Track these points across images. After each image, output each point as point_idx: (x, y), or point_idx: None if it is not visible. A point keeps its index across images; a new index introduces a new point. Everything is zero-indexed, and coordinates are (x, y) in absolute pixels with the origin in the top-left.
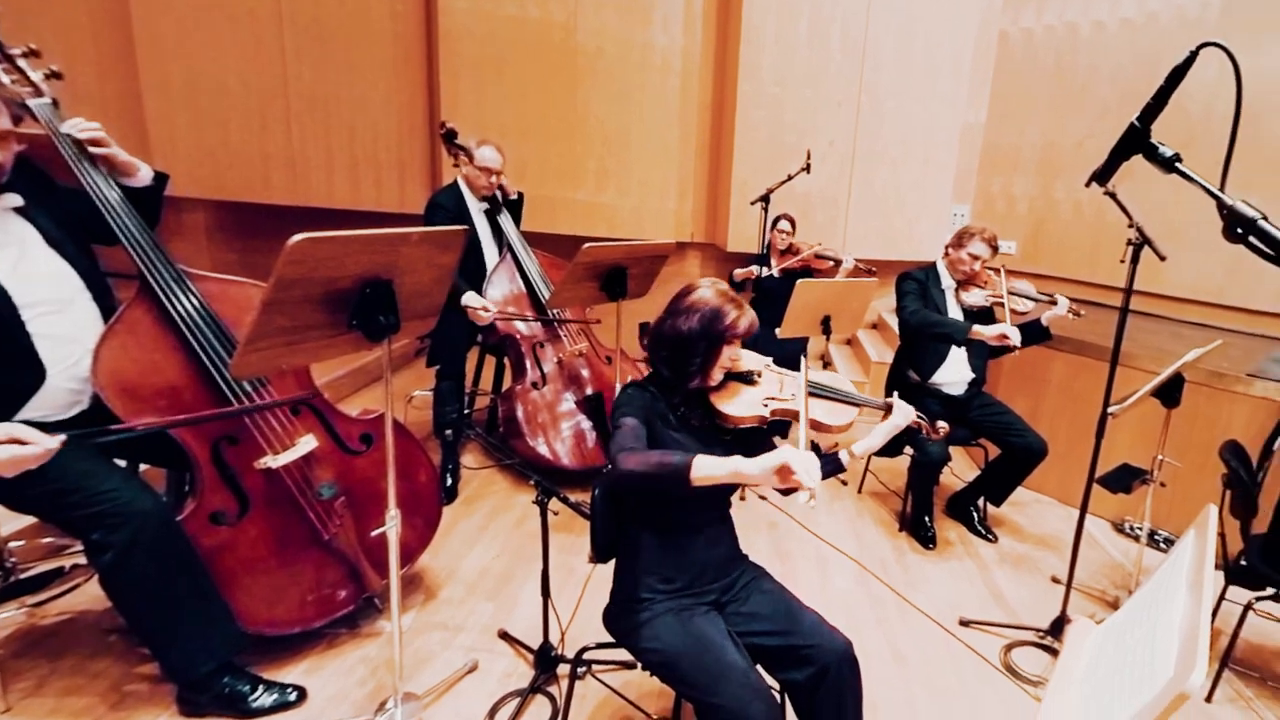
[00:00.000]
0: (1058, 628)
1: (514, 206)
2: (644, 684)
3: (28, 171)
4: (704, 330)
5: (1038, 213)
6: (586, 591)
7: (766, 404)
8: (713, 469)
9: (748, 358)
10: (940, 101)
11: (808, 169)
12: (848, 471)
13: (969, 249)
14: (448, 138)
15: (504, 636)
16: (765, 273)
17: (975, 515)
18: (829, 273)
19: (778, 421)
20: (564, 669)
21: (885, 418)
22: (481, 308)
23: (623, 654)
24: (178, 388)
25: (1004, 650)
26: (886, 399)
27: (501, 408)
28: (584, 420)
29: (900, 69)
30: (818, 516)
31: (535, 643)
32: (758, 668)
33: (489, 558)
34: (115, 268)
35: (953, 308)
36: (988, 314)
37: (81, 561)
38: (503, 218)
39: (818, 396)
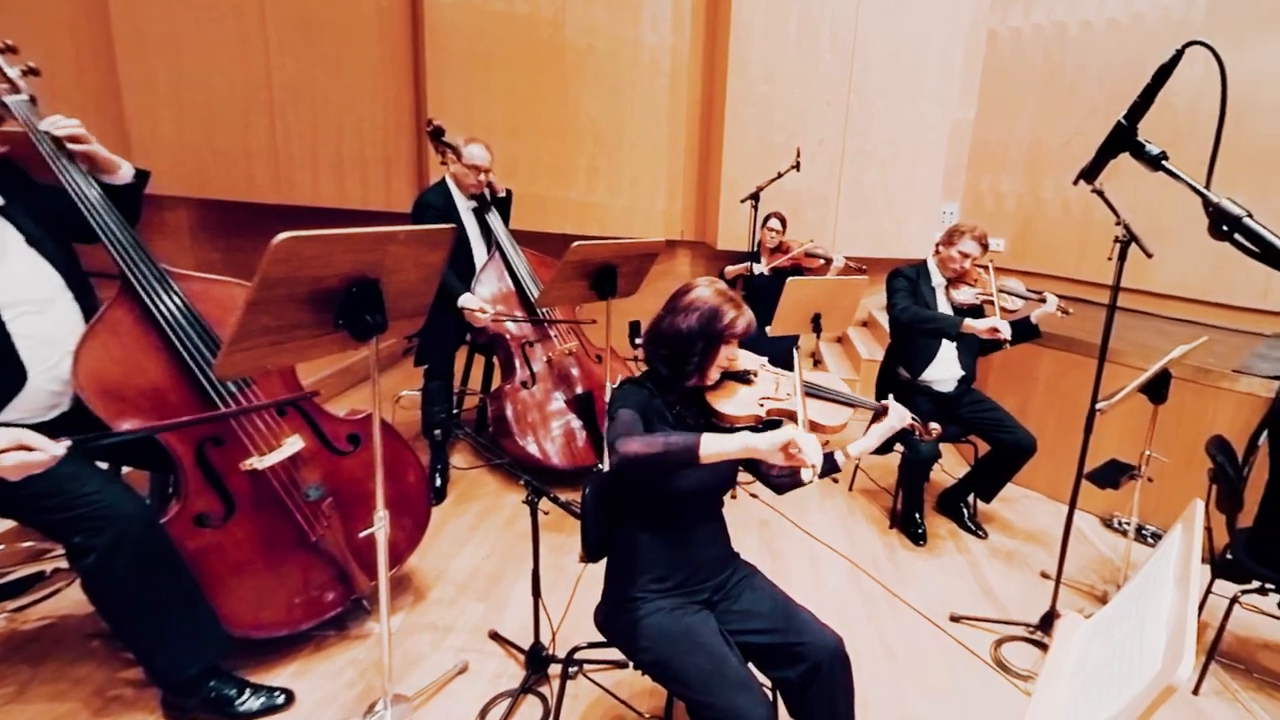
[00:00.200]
0: (1047, 622)
1: (502, 204)
2: (636, 683)
3: (6, 170)
4: (702, 329)
5: (1026, 210)
6: (577, 591)
7: (762, 404)
8: (723, 445)
9: (744, 357)
10: (929, 100)
11: (797, 167)
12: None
13: (959, 247)
14: (435, 135)
15: (494, 637)
16: (756, 270)
17: (965, 511)
18: (819, 271)
19: (772, 422)
20: (555, 669)
21: (880, 419)
22: (479, 309)
23: (614, 653)
24: (161, 389)
25: (994, 645)
26: (882, 401)
27: (491, 407)
28: (574, 419)
29: (889, 68)
30: (809, 514)
31: (526, 643)
32: (750, 666)
33: (479, 558)
34: (97, 267)
35: (943, 305)
36: (978, 312)
37: (63, 565)
38: (491, 216)
39: (813, 397)
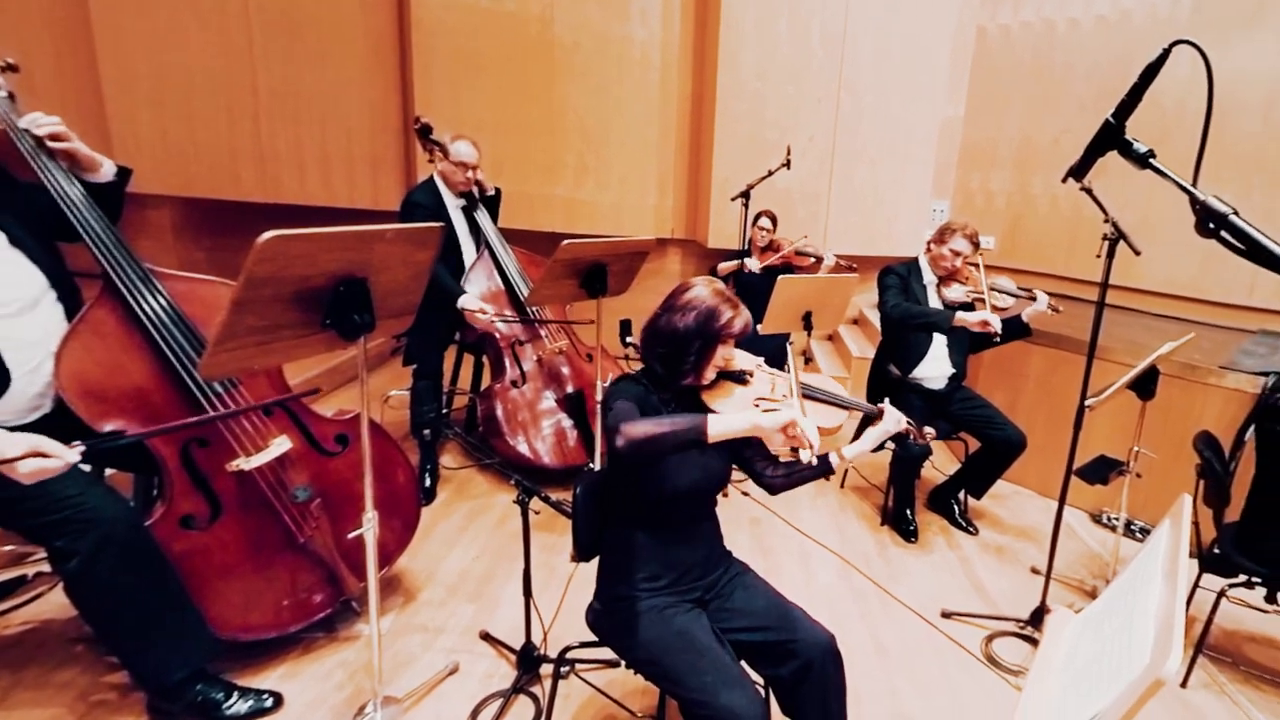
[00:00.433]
0: (1037, 618)
1: (491, 203)
2: (628, 682)
3: None
4: (699, 329)
5: (1015, 208)
6: (569, 591)
7: (758, 404)
8: (730, 424)
9: (740, 357)
10: (919, 97)
11: (788, 165)
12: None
13: (950, 245)
14: (422, 133)
15: (485, 637)
16: (751, 266)
17: (956, 508)
18: (810, 269)
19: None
20: (547, 669)
21: (875, 423)
22: (479, 310)
23: (606, 653)
24: (145, 390)
25: (985, 641)
26: (878, 404)
27: (480, 406)
28: (565, 418)
29: (879, 64)
30: (801, 512)
31: (517, 643)
32: (742, 664)
33: (469, 559)
34: (78, 267)
35: (934, 303)
36: (968, 309)
37: (45, 569)
38: (480, 214)
39: (808, 398)
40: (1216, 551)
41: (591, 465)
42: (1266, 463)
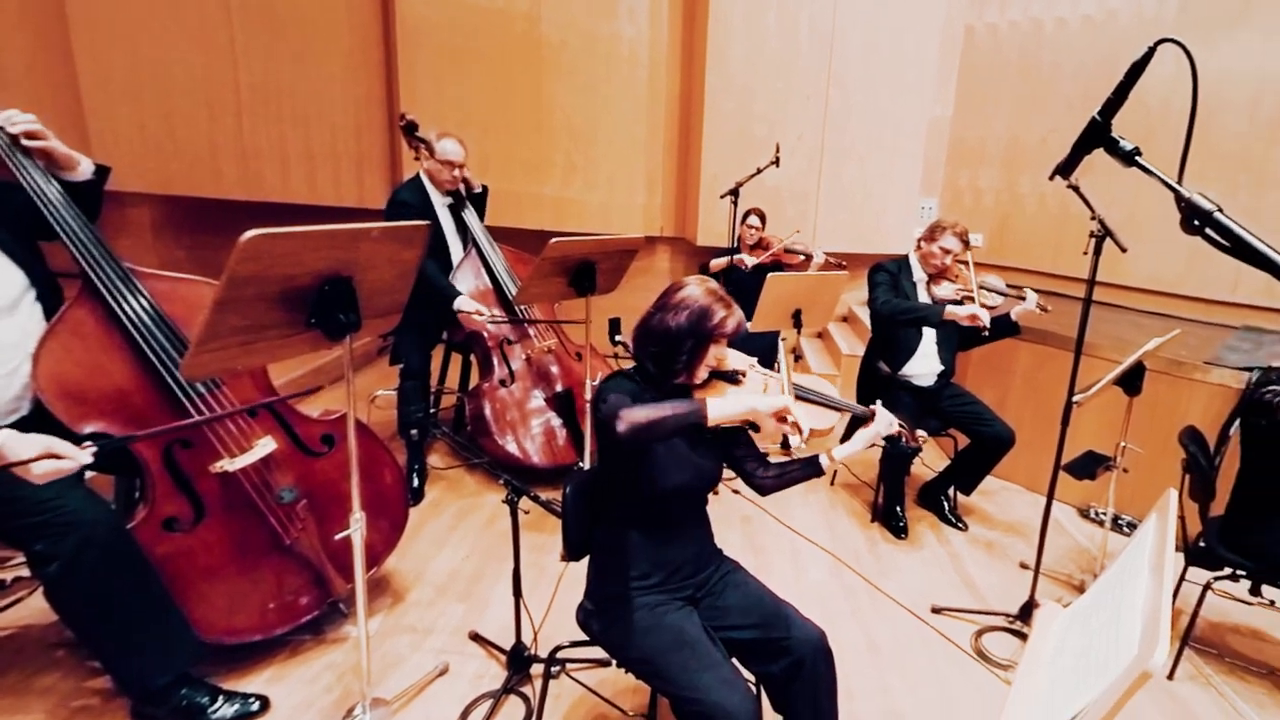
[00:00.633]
0: (1026, 612)
1: (478, 200)
2: (619, 681)
3: None
4: (691, 328)
5: (1003, 206)
6: (559, 590)
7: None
8: (727, 407)
9: (734, 357)
10: (907, 95)
11: (776, 162)
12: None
13: (941, 243)
14: (408, 130)
15: (475, 638)
16: (749, 262)
17: (946, 504)
18: (800, 267)
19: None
20: (537, 669)
21: (866, 424)
22: (476, 312)
23: (597, 652)
24: (125, 390)
25: (975, 636)
26: (870, 406)
27: (469, 406)
28: (554, 417)
29: (868, 62)
30: (791, 509)
31: (507, 643)
32: (734, 661)
33: (458, 559)
34: (56, 266)
35: (924, 300)
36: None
37: (24, 574)
38: (467, 212)
39: (801, 400)
40: (1202, 545)
41: (581, 464)
42: (1251, 457)
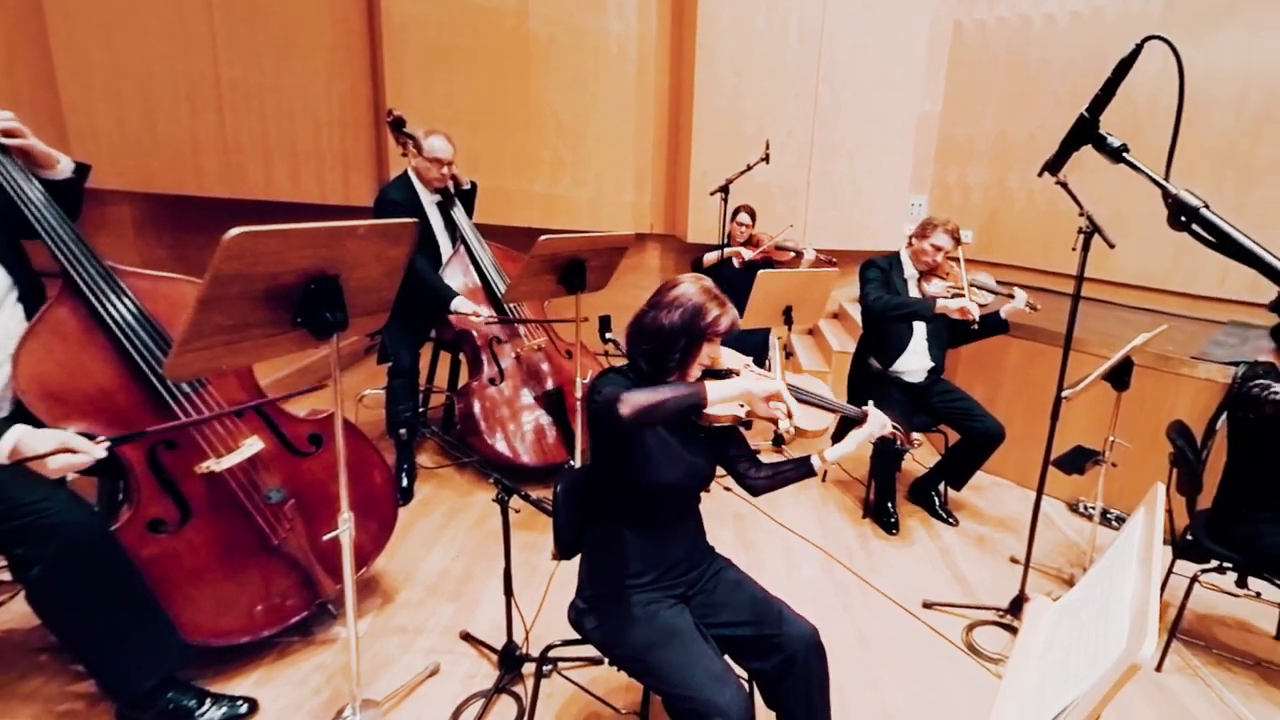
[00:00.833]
0: (1017, 606)
1: (466, 197)
2: (611, 679)
3: None
4: (685, 326)
5: (992, 202)
6: (550, 589)
7: (743, 404)
8: (724, 389)
9: (728, 356)
10: (897, 92)
11: (766, 159)
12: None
13: (932, 240)
14: (395, 125)
15: (466, 638)
16: (746, 255)
17: (936, 500)
18: (790, 264)
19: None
20: (529, 668)
21: (860, 425)
22: (472, 313)
23: (589, 650)
24: (108, 390)
25: (966, 630)
26: (862, 407)
27: (458, 405)
28: (544, 416)
29: (857, 58)
30: (783, 506)
31: (499, 643)
32: (726, 658)
33: (448, 558)
34: (36, 265)
35: (915, 297)
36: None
37: (6, 578)
38: (455, 210)
39: (795, 400)
40: (1189, 538)
41: (572, 462)
42: (1237, 450)
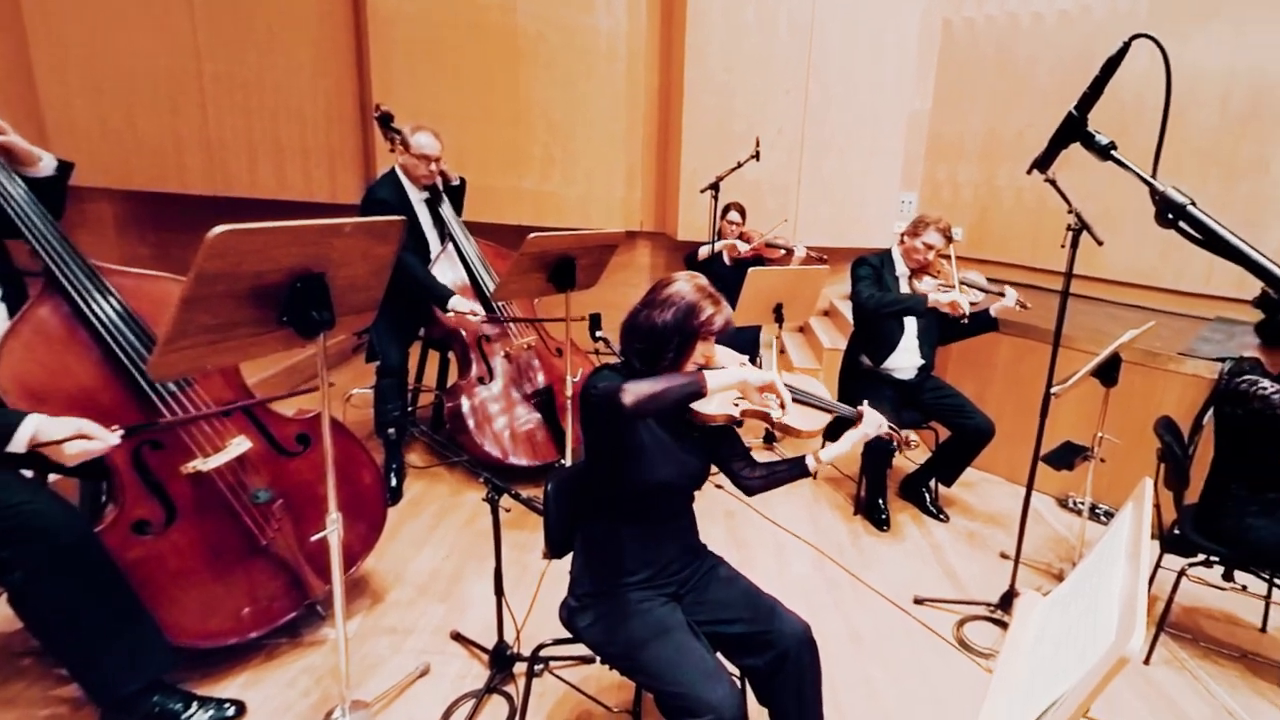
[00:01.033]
0: (1007, 601)
1: (455, 192)
2: (603, 678)
3: None
4: (678, 324)
5: (982, 200)
6: (542, 588)
7: (737, 404)
8: (722, 378)
9: (723, 355)
10: (886, 89)
11: (757, 157)
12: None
13: (924, 238)
14: (383, 121)
15: (457, 638)
16: (741, 249)
17: (927, 496)
18: (781, 261)
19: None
20: (520, 667)
21: (855, 425)
22: (470, 312)
23: (581, 649)
24: (91, 390)
25: (957, 625)
26: (858, 407)
27: (447, 404)
28: (534, 414)
29: (846, 56)
30: (774, 503)
31: (490, 643)
32: (718, 655)
33: (438, 558)
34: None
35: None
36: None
37: None
38: (444, 207)
39: (790, 398)
40: (1177, 532)
41: (562, 461)
42: (1224, 446)
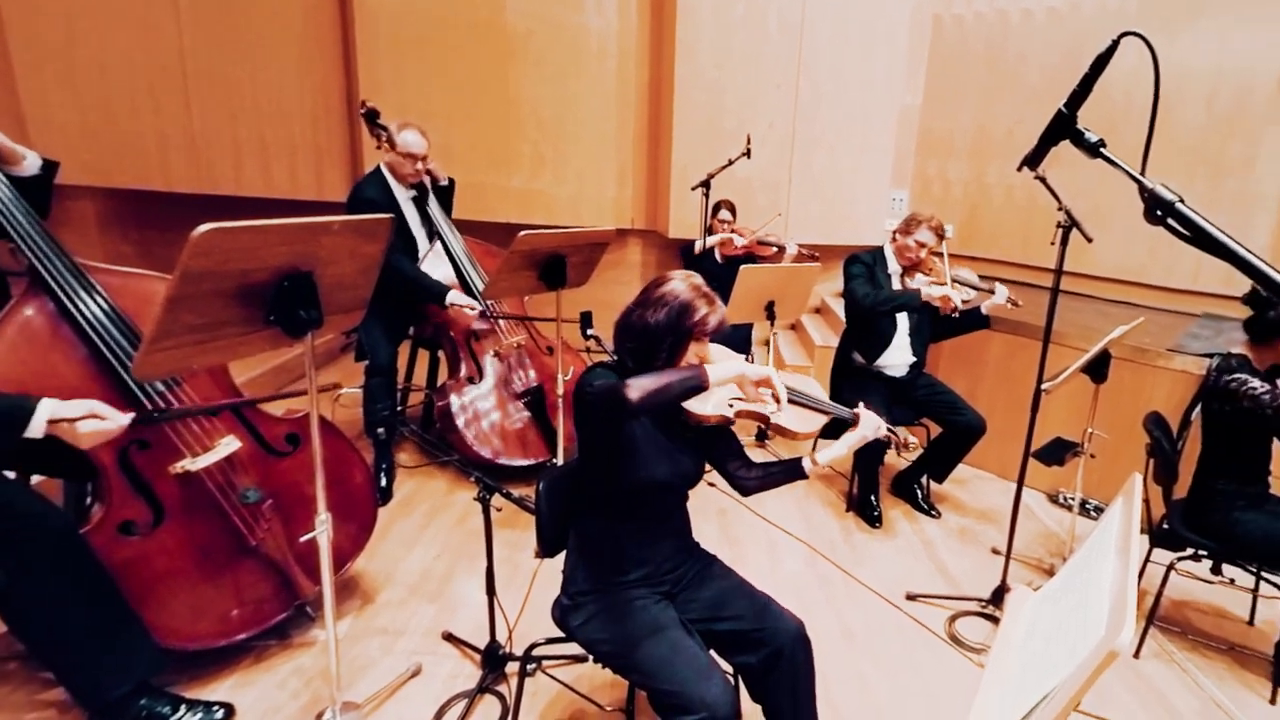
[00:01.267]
0: (998, 597)
1: (444, 193)
2: (596, 676)
3: None
4: (671, 324)
5: (972, 197)
6: (534, 587)
7: (732, 404)
8: (721, 371)
9: (719, 354)
10: (877, 86)
11: (748, 154)
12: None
13: (916, 236)
14: (368, 117)
15: (448, 638)
16: (738, 242)
17: (919, 493)
18: (772, 258)
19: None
20: (513, 667)
21: (853, 428)
22: (468, 305)
23: (574, 648)
24: (77, 389)
25: (948, 621)
26: (854, 410)
27: (437, 403)
28: (525, 413)
29: (837, 52)
30: (766, 501)
31: (482, 642)
32: (711, 653)
33: (429, 558)
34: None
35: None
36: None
37: None
38: (431, 205)
39: (786, 400)
40: (1166, 527)
41: (554, 460)
42: (1211, 441)
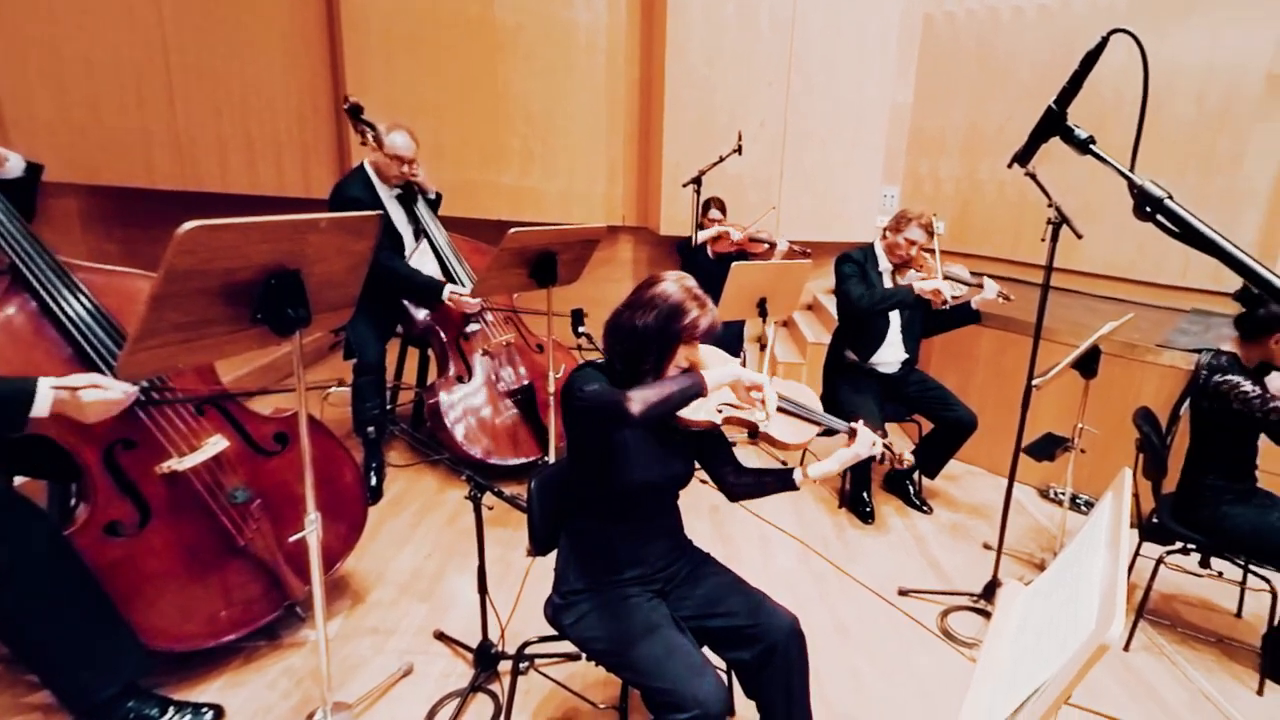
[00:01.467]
0: (990, 591)
1: (430, 205)
2: (589, 674)
3: None
4: (660, 327)
5: (963, 194)
6: (526, 585)
7: (721, 410)
8: (717, 376)
9: (711, 356)
10: (868, 82)
11: (739, 151)
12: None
13: (906, 234)
14: (352, 113)
15: (440, 637)
16: (734, 236)
17: (911, 489)
18: (764, 255)
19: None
20: (505, 666)
21: (849, 442)
22: (470, 295)
23: (566, 646)
24: None
25: (941, 616)
26: (850, 424)
27: (427, 401)
28: (515, 411)
29: (828, 49)
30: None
31: (474, 641)
32: (704, 649)
33: (420, 557)
34: None
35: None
36: (923, 299)
37: None
38: (418, 204)
39: (781, 411)
40: (1155, 521)
41: (545, 459)
42: (1199, 436)
